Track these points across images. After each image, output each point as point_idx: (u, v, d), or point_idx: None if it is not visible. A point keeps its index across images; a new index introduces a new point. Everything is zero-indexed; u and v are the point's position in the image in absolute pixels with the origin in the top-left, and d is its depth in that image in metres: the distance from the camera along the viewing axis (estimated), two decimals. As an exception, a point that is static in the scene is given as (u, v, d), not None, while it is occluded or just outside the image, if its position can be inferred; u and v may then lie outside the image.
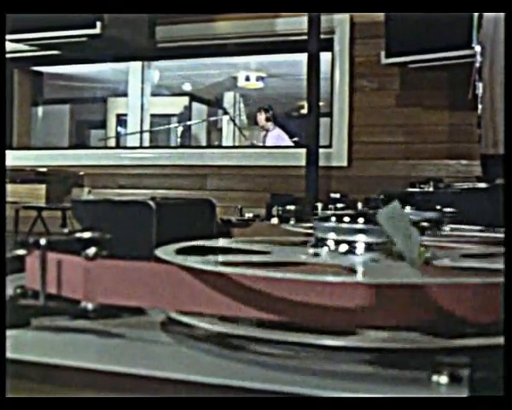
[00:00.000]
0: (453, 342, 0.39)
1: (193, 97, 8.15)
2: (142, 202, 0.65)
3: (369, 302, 0.39)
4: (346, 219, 0.49)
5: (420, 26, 3.15)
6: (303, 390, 0.34)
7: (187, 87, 8.03)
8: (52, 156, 4.22)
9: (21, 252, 0.48)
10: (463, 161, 3.48)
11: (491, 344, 0.38)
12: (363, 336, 0.39)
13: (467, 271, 0.46)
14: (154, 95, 5.08)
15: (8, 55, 3.89)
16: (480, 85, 1.99)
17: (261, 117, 6.12)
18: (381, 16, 3.42)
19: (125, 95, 4.93)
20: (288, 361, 0.39)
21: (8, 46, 3.53)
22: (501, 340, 0.36)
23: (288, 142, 5.95)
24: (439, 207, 0.89)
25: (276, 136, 5.98)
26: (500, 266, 0.42)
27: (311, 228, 0.59)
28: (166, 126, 6.65)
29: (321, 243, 0.50)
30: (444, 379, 0.35)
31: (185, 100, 8.10)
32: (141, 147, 4.50)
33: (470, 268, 0.46)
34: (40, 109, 6.39)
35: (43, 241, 0.47)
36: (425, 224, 0.79)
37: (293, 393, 0.34)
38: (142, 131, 4.59)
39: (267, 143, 5.88)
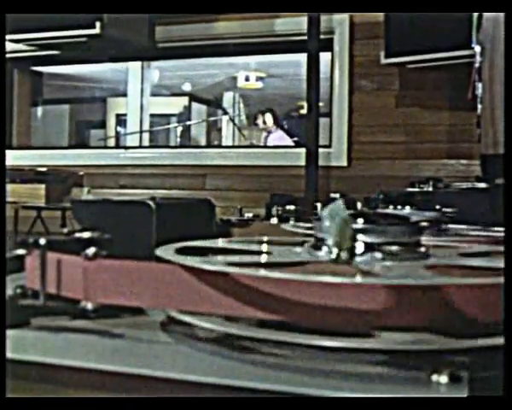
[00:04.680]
0: (456, 343, 0.39)
1: (192, 97, 8.14)
2: (141, 202, 0.65)
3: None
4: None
5: (419, 26, 3.15)
6: (303, 390, 0.34)
7: (186, 87, 8.03)
8: (52, 156, 4.22)
9: (21, 252, 0.48)
10: (463, 161, 3.47)
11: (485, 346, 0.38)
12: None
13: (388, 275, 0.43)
14: (153, 95, 5.08)
15: (8, 55, 3.88)
16: (479, 85, 1.99)
17: (262, 120, 6.10)
18: (380, 16, 3.42)
19: (124, 95, 4.93)
20: (288, 361, 0.39)
21: (8, 46, 3.52)
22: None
23: (289, 143, 5.93)
24: (438, 207, 0.89)
25: (278, 137, 5.96)
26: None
27: (310, 228, 0.59)
28: (166, 126, 6.65)
29: (320, 243, 0.50)
30: (444, 379, 0.35)
31: (185, 100, 8.10)
32: (140, 147, 4.50)
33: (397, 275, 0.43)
34: (40, 109, 6.39)
35: (42, 241, 0.47)
36: (424, 223, 0.79)
37: (293, 393, 0.34)
38: (141, 131, 4.58)
39: (268, 145, 5.86)
